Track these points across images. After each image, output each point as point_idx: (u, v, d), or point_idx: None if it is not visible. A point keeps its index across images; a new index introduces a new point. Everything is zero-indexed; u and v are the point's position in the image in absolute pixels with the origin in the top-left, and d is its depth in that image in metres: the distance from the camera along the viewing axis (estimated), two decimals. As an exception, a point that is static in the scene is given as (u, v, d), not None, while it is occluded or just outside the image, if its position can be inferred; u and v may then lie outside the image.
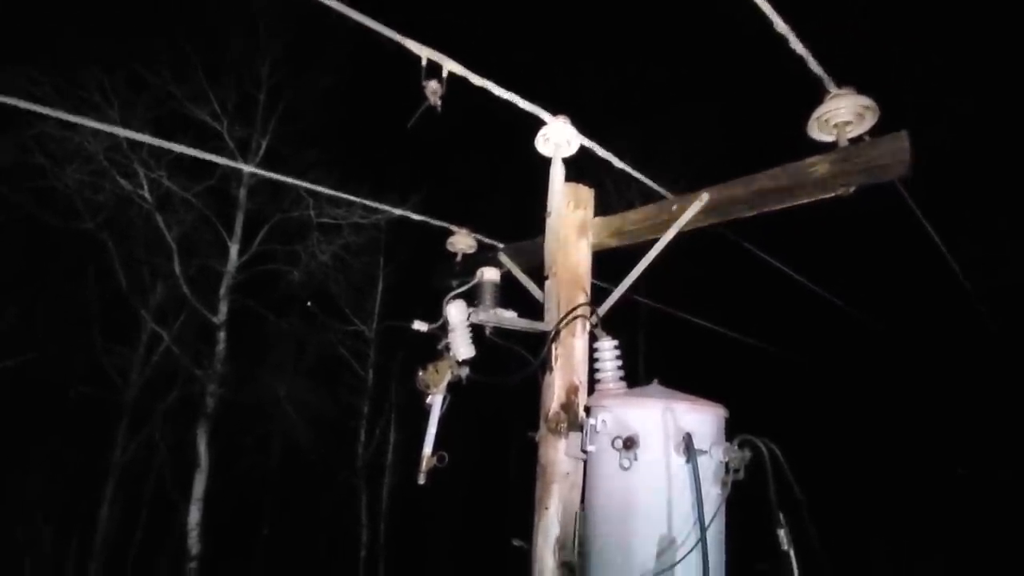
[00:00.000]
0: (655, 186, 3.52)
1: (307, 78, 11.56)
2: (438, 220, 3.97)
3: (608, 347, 2.32)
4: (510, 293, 2.87)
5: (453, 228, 3.96)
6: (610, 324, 2.76)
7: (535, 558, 2.47)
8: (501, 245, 3.84)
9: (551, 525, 2.47)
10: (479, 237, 3.96)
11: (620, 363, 2.31)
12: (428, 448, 2.12)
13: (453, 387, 2.34)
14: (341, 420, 14.98)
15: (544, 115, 2.97)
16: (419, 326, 2.39)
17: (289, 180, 3.57)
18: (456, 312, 2.28)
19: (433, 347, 2.67)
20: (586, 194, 2.97)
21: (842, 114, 2.21)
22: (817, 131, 2.30)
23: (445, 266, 4.05)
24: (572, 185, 2.96)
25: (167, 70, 10.18)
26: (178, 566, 10.52)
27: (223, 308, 11.15)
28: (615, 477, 2.00)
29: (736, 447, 1.97)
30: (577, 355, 2.68)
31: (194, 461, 10.56)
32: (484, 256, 3.88)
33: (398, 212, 3.78)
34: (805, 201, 2.27)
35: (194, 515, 10.42)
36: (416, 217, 3.87)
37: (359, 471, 15.02)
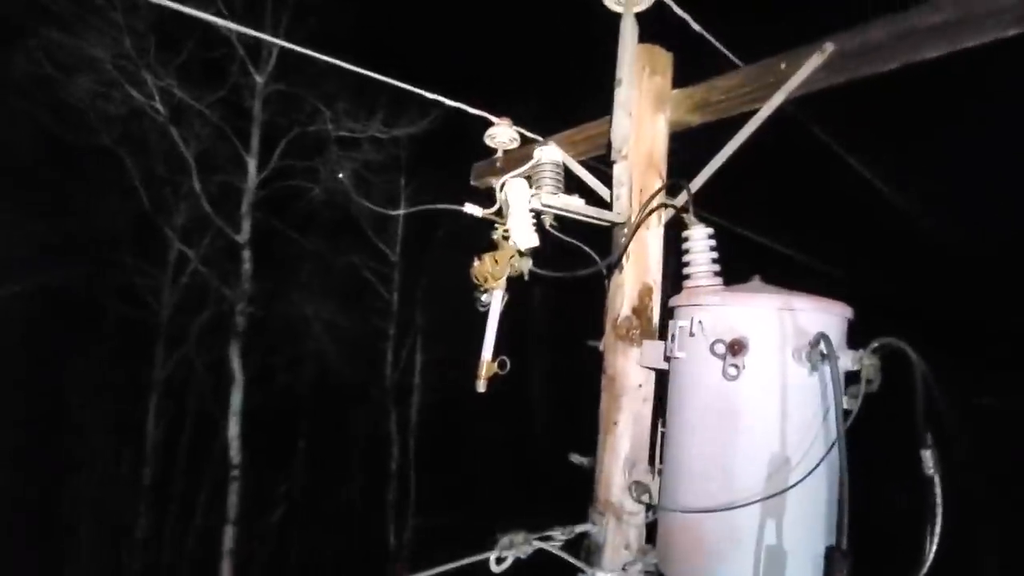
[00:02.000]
0: (733, 57, 2.95)
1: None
2: (474, 110, 3.46)
3: (701, 236, 1.91)
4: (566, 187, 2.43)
5: (492, 119, 3.45)
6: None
7: (601, 476, 2.21)
8: (542, 139, 3.35)
9: (620, 442, 2.17)
10: (521, 130, 3.47)
11: (715, 255, 1.90)
12: (488, 352, 1.80)
13: (512, 283, 1.97)
14: (368, 341, 15.12)
15: (615, -44, 2.40)
16: (472, 209, 2.00)
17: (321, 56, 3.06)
18: (517, 193, 1.87)
19: (480, 243, 2.29)
20: (664, 59, 2.44)
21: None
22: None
23: (485, 162, 3.60)
24: (647, 47, 2.42)
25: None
26: (223, 474, 11.02)
27: (246, 226, 10.90)
28: (716, 387, 1.65)
29: (871, 353, 1.59)
30: (652, 251, 2.28)
31: (229, 377, 10.75)
32: (525, 152, 3.41)
33: (431, 97, 3.25)
34: (975, 43, 1.72)
35: (233, 427, 10.75)
36: (451, 103, 3.35)
37: (388, 391, 15.34)
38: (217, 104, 10.53)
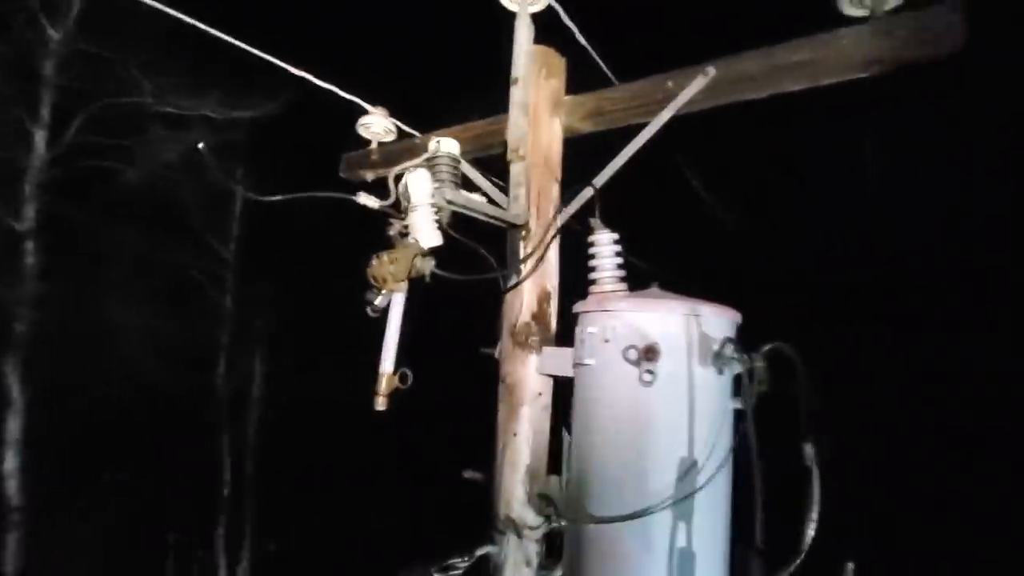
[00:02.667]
0: (608, 72, 3.08)
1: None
2: (347, 94, 3.15)
3: (607, 241, 1.91)
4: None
5: (367, 107, 3.17)
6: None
7: (500, 491, 2.10)
8: (418, 135, 3.18)
9: (520, 453, 2.09)
10: (398, 123, 3.24)
11: (621, 261, 1.91)
12: (388, 364, 1.58)
13: (412, 285, 1.78)
14: (194, 351, 13.24)
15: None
16: (367, 200, 1.76)
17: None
18: (419, 186, 1.68)
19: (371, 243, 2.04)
20: (558, 63, 2.43)
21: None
22: (848, 5, 1.97)
23: (359, 154, 3.29)
24: (543, 49, 2.39)
25: None
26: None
27: (29, 211, 8.84)
28: (629, 393, 1.65)
29: (761, 356, 1.70)
30: (550, 255, 2.24)
31: (4, 399, 8.61)
32: (404, 146, 3.19)
33: (297, 73, 2.88)
34: (831, 81, 1.97)
35: (10, 461, 8.63)
36: (323, 85, 3.00)
37: (219, 405, 13.59)
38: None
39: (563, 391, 2.23)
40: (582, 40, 2.87)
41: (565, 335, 2.27)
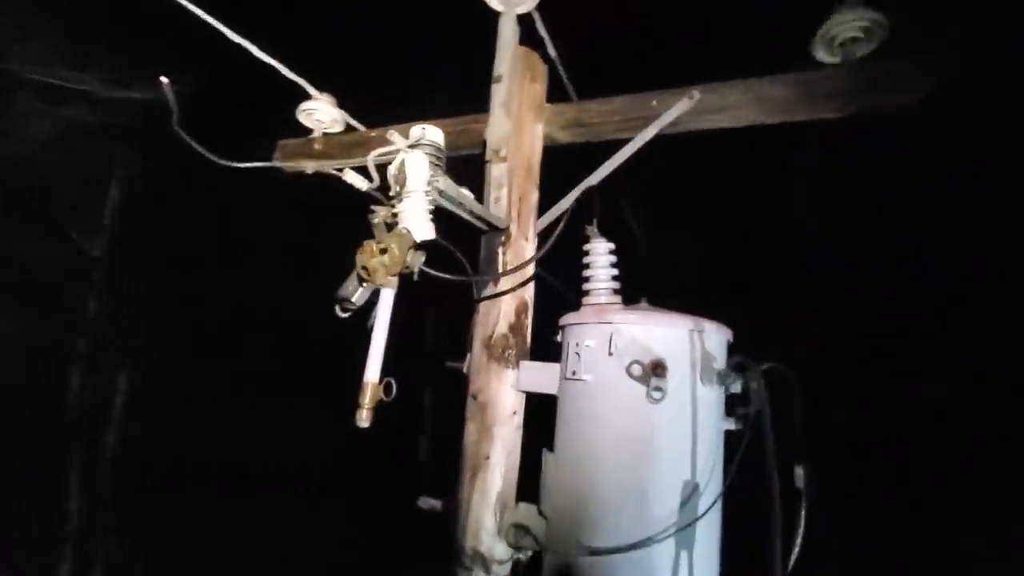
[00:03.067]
0: (572, 91, 3.06)
1: None
2: (293, 75, 2.83)
3: (603, 250, 1.81)
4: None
5: (312, 91, 2.87)
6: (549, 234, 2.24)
7: (467, 521, 1.88)
8: (365, 129, 2.94)
9: (492, 479, 1.90)
10: (347, 115, 2.97)
11: (616, 272, 1.82)
12: (374, 371, 1.33)
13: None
14: (44, 361, 11.32)
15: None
16: (355, 180, 1.53)
17: None
18: (417, 169, 1.48)
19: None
20: (542, 68, 2.35)
21: (849, 29, 2.03)
22: (822, 51, 2.09)
23: (299, 142, 2.97)
24: (528, 51, 2.31)
25: None
26: None
27: None
28: (634, 411, 1.54)
29: (759, 375, 1.68)
30: (529, 265, 2.11)
31: None
32: (354, 138, 2.93)
33: (235, 39, 2.53)
34: (807, 118, 2.06)
35: None
36: (265, 59, 2.65)
37: (69, 423, 11.64)
38: None
39: (536, 410, 2.08)
40: (552, 52, 2.82)
41: (538, 349, 2.13)
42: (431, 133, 1.82)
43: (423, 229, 1.49)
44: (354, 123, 3.00)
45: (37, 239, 10.83)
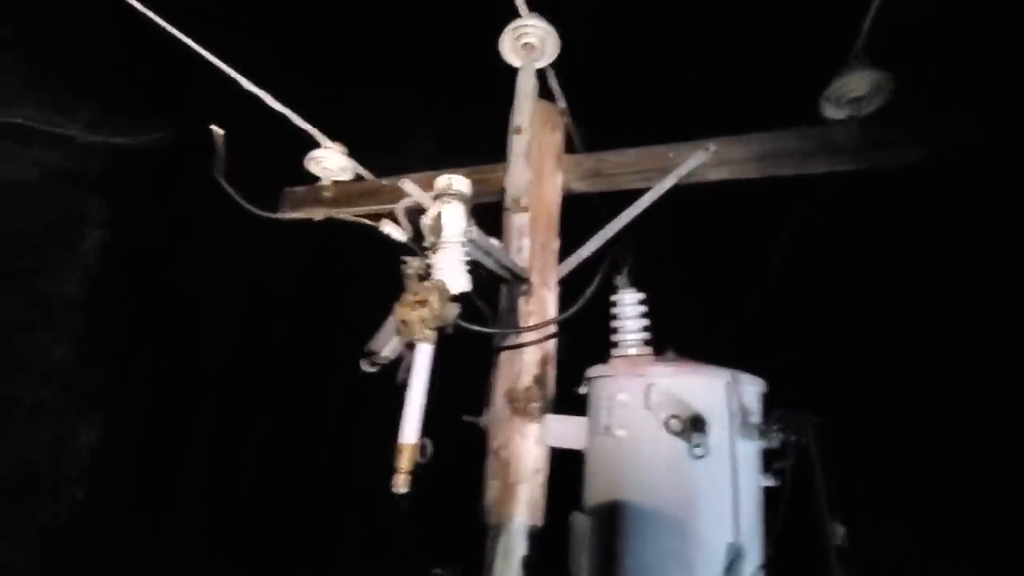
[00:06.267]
0: (577, 143, 3.13)
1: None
2: (306, 124, 2.84)
3: (632, 301, 1.79)
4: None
5: (324, 140, 2.88)
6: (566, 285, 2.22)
7: (490, 589, 1.76)
8: (375, 176, 2.94)
9: (516, 541, 1.79)
10: (356, 164, 2.97)
11: (647, 323, 1.79)
12: (412, 433, 1.24)
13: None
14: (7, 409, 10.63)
15: (522, 6, 2.31)
16: (391, 230, 1.48)
17: None
18: (454, 220, 1.45)
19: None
20: (560, 119, 2.39)
21: (855, 89, 2.13)
22: (831, 108, 2.19)
23: (307, 190, 2.94)
24: (547, 104, 2.35)
25: None
26: None
27: None
28: (673, 468, 1.48)
29: (804, 428, 1.65)
30: (550, 314, 2.07)
31: None
32: (365, 187, 2.92)
33: (250, 88, 2.52)
34: (822, 171, 2.12)
35: None
36: (278, 107, 2.65)
37: (37, 475, 10.84)
38: None
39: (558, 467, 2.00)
40: (562, 104, 2.89)
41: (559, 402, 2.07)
42: (458, 183, 1.81)
43: (459, 281, 1.45)
44: (364, 172, 2.99)
45: (4, 285, 10.38)
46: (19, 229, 10.31)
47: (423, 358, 1.34)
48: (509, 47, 2.32)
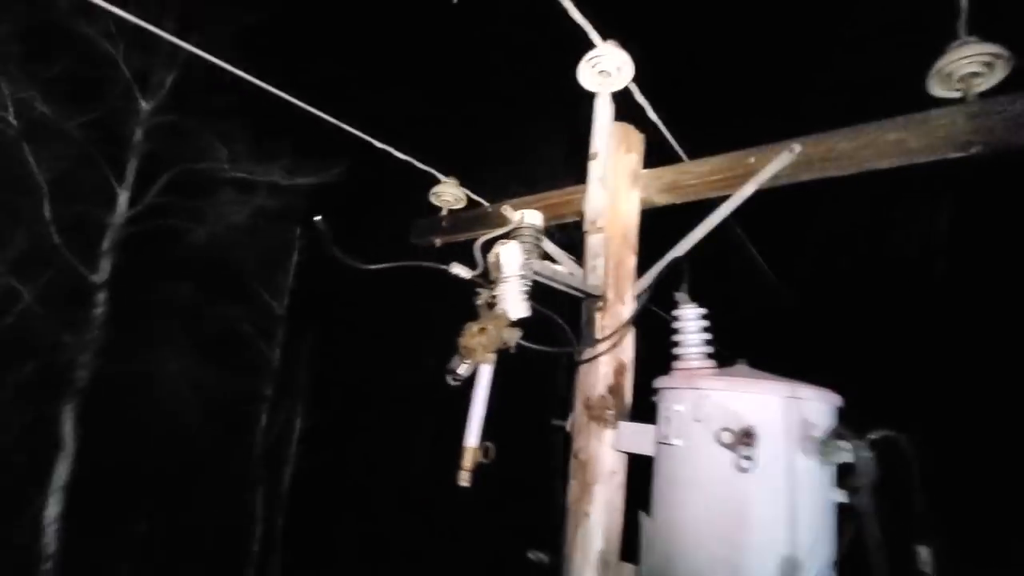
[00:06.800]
0: (679, 149, 3.14)
1: (228, 11, 10.04)
2: (423, 164, 3.32)
3: (693, 315, 1.86)
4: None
5: (440, 176, 3.33)
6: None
7: (569, 574, 1.96)
8: (486, 203, 3.28)
9: (592, 535, 1.97)
10: (468, 192, 3.37)
11: (709, 336, 1.85)
12: (474, 438, 1.54)
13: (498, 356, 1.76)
14: (239, 403, 13.46)
15: (594, 36, 2.46)
16: (459, 270, 1.79)
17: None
18: (511, 258, 1.70)
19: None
20: (637, 138, 2.49)
21: (968, 64, 1.89)
22: (938, 86, 1.97)
23: (429, 220, 3.41)
24: (622, 125, 2.47)
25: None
26: (26, 570, 8.76)
27: (106, 265, 9.44)
28: (723, 479, 1.54)
29: (867, 445, 1.58)
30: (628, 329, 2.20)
31: (56, 443, 8.85)
32: (474, 214, 3.29)
33: (379, 146, 3.06)
34: (927, 159, 1.94)
35: (52, 507, 8.74)
36: (400, 156, 3.18)
37: (257, 460, 13.59)
38: (89, 125, 9.28)
39: (638, 470, 2.12)
40: (654, 117, 2.95)
41: (638, 411, 2.19)
42: (529, 217, 2.05)
43: (518, 308, 1.68)
44: (477, 198, 3.38)
45: (237, 303, 13.13)
46: (248, 256, 12.84)
47: (484, 376, 1.61)
48: (586, 75, 2.49)
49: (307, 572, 12.65)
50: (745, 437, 1.52)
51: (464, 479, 1.51)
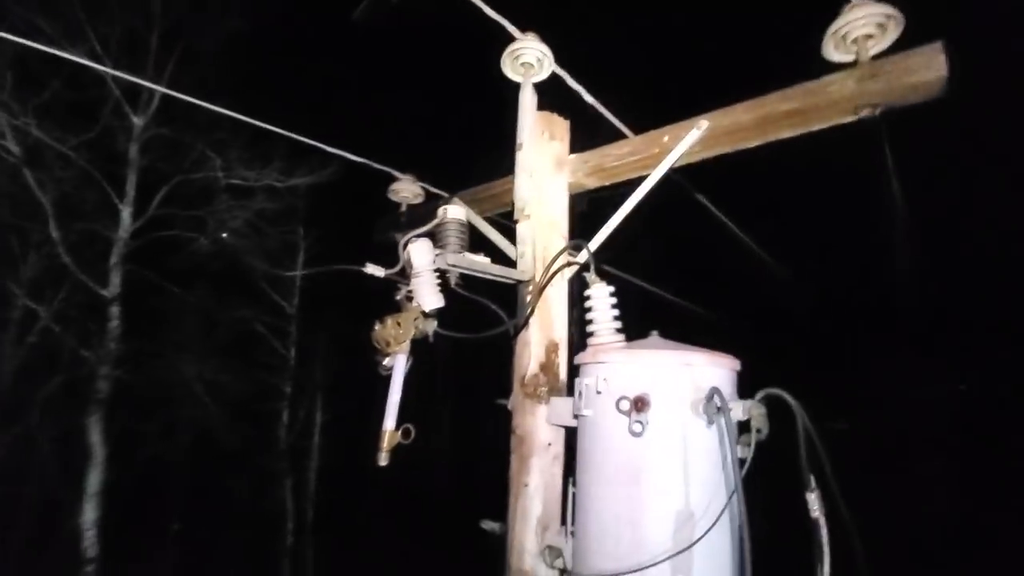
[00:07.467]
0: (623, 127, 3.20)
1: (210, 19, 10.16)
2: (379, 164, 3.44)
3: (603, 294, 1.97)
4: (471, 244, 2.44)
5: (396, 174, 3.44)
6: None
7: (513, 543, 2.13)
8: (447, 195, 3.39)
9: (531, 504, 2.12)
10: (425, 186, 3.48)
11: (617, 312, 1.96)
12: (391, 421, 1.69)
13: (416, 346, 1.90)
14: (259, 402, 13.91)
15: (513, 30, 2.55)
16: (373, 270, 1.93)
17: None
18: (420, 254, 1.83)
19: (386, 302, 2.21)
20: (561, 125, 2.58)
21: (862, 26, 1.94)
22: (833, 50, 2.02)
23: (389, 218, 3.54)
24: (545, 114, 2.55)
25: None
26: (73, 570, 9.31)
27: (115, 280, 9.78)
28: (621, 444, 1.67)
29: (758, 403, 1.70)
30: (556, 308, 2.33)
31: (85, 453, 9.31)
32: (433, 206, 3.41)
33: (331, 151, 3.19)
34: (821, 126, 2.00)
35: (89, 513, 9.23)
36: (355, 159, 3.30)
37: (282, 455, 14.08)
38: (84, 146, 9.54)
39: (573, 441, 2.27)
40: (590, 99, 3.01)
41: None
42: (452, 212, 2.17)
43: (431, 300, 1.82)
44: (436, 191, 3.50)
45: (249, 305, 13.48)
46: (255, 259, 13.09)
47: (399, 365, 1.75)
48: (510, 67, 2.57)
49: (339, 559, 13.16)
50: (638, 403, 1.64)
51: (382, 459, 1.66)
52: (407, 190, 3.43)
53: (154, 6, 9.83)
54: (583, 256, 2.41)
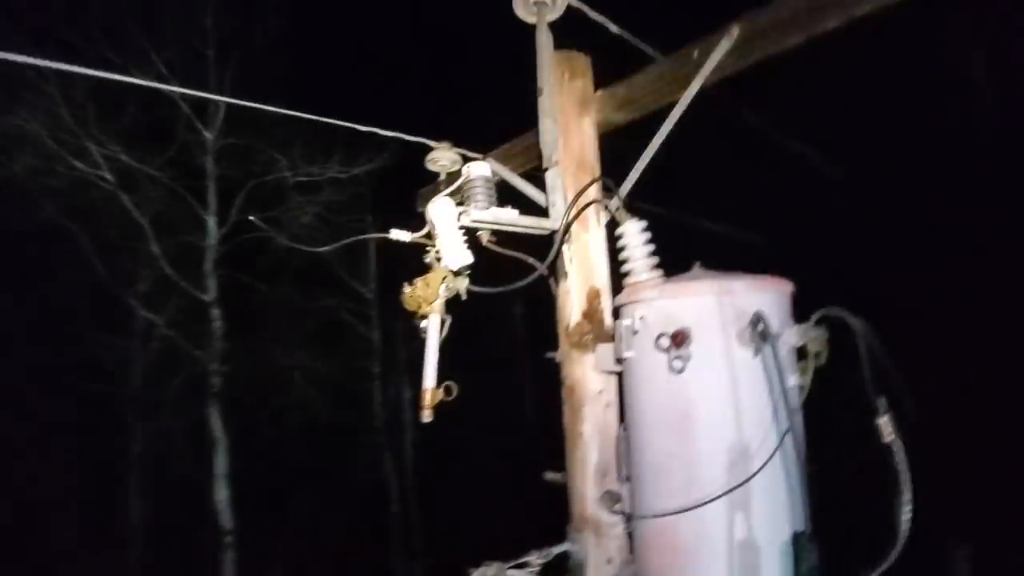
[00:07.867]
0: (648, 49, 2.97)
1: (255, 21, 10.57)
2: (413, 136, 3.45)
3: (635, 231, 1.88)
4: (507, 201, 2.40)
5: (431, 143, 3.43)
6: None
7: (574, 491, 2.13)
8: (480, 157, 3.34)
9: (588, 452, 2.11)
10: (463, 151, 3.45)
11: (652, 248, 1.86)
12: (430, 380, 1.73)
13: (452, 304, 1.92)
14: (353, 384, 14.84)
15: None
16: (399, 235, 1.95)
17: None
18: (441, 212, 1.82)
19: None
20: (583, 62, 2.44)
21: None
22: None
23: (429, 188, 3.56)
24: (564, 52, 2.43)
25: (98, 32, 9.21)
26: (215, 543, 10.58)
27: (212, 284, 10.68)
28: (665, 383, 1.61)
29: (814, 326, 1.56)
30: (593, 253, 2.25)
31: (211, 440, 10.43)
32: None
33: (363, 129, 3.23)
34: (873, 6, 1.75)
35: (222, 491, 10.38)
36: (387, 134, 3.32)
37: (379, 431, 15.01)
38: (167, 165, 10.38)
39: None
40: (615, 29, 2.82)
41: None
42: (475, 169, 2.14)
43: (456, 258, 1.81)
44: (470, 154, 3.47)
45: (332, 294, 14.30)
46: (332, 250, 13.78)
47: (433, 325, 1.77)
48: (523, 7, 2.46)
49: (439, 521, 13.98)
50: (677, 338, 1.56)
51: (426, 416, 1.70)
52: (444, 158, 3.39)
53: (206, 20, 10.34)
54: (613, 195, 2.31)
